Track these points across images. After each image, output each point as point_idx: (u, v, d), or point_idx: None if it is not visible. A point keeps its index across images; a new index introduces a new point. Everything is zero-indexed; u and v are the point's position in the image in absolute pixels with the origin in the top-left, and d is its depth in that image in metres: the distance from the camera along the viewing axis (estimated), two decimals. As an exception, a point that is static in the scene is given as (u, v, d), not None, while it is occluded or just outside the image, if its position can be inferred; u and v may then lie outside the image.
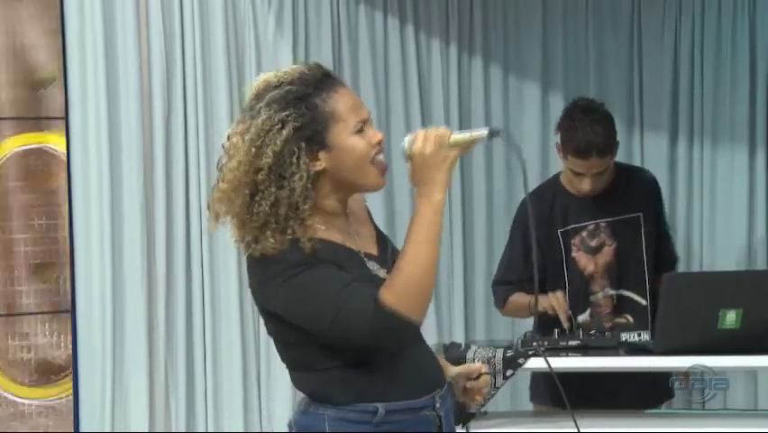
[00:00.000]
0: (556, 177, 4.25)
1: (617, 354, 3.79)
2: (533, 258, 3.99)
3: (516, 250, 4.16)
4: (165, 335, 4.99)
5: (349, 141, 2.57)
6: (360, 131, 2.58)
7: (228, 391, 5.04)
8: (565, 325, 3.98)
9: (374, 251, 2.68)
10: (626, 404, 4.03)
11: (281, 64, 5.09)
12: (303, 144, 2.53)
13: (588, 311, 4.13)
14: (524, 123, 5.33)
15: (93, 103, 4.92)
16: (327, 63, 5.07)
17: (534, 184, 5.14)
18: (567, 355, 3.71)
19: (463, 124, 5.23)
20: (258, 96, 2.62)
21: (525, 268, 4.10)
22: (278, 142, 2.52)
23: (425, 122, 5.18)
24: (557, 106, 5.29)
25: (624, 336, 3.86)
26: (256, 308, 5.51)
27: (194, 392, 5.04)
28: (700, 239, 5.23)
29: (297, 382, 2.72)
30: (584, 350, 3.79)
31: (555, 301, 4.00)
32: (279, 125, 2.53)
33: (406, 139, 2.56)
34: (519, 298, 4.14)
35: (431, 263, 2.51)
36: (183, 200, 5.02)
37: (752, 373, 5.06)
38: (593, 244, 4.14)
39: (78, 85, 4.91)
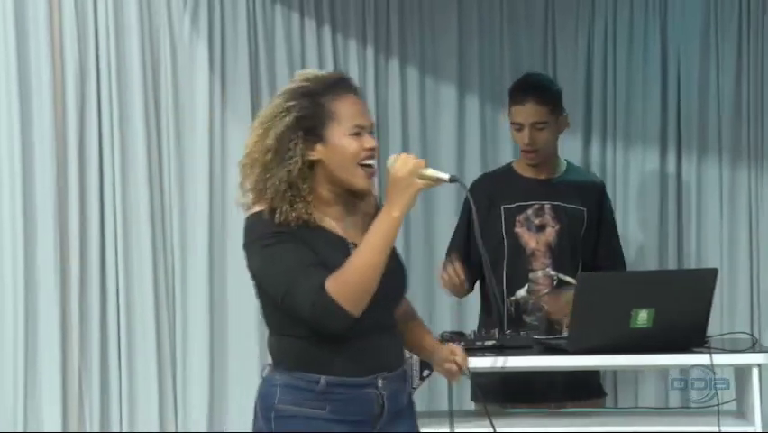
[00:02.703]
0: (510, 163, 4.50)
1: (532, 354, 3.83)
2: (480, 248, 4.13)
3: (461, 224, 4.39)
4: (79, 335, 4.95)
5: (342, 140, 2.89)
6: (355, 135, 2.90)
7: (143, 391, 5.01)
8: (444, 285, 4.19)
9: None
10: (556, 398, 4.17)
11: (197, 64, 5.09)
12: (301, 133, 2.88)
13: (526, 287, 4.24)
14: (440, 123, 5.36)
15: (4, 103, 4.86)
16: (243, 63, 5.13)
17: (450, 193, 5.22)
18: (483, 355, 3.74)
19: (380, 125, 5.25)
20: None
21: (463, 238, 4.32)
22: (279, 127, 2.88)
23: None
24: (473, 108, 5.35)
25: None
26: (171, 309, 5.52)
27: (108, 392, 5.00)
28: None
29: (268, 344, 3.00)
30: (500, 349, 3.83)
31: (451, 270, 4.14)
32: (284, 113, 2.89)
33: (392, 156, 2.89)
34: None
35: (375, 267, 2.82)
36: (97, 201, 4.98)
37: (664, 371, 5.14)
38: (537, 222, 4.30)
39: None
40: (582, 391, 4.26)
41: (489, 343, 3.86)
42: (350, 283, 2.79)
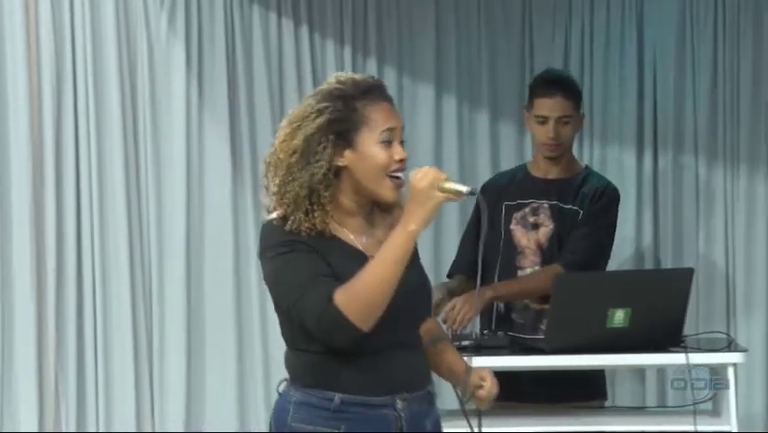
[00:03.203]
0: (525, 163, 4.51)
1: (510, 354, 3.84)
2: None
3: (472, 220, 4.37)
4: (55, 335, 4.94)
5: (372, 148, 2.78)
6: (386, 144, 2.78)
7: (120, 391, 5.00)
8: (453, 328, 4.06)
9: None
10: (553, 399, 4.14)
11: (174, 64, 5.08)
12: (331, 137, 2.76)
13: None
14: (417, 123, 5.35)
15: (-20, 104, 4.85)
16: (221, 64, 5.12)
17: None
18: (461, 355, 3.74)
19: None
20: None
21: (469, 249, 4.30)
22: (310, 128, 2.76)
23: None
24: (451, 107, 5.35)
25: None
26: (148, 309, 5.50)
27: (84, 393, 5.00)
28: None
29: (285, 359, 2.89)
30: (478, 350, 3.84)
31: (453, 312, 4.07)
32: (316, 114, 2.77)
33: (414, 169, 2.76)
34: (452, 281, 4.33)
35: (387, 281, 2.70)
36: (74, 200, 4.98)
37: (639, 370, 5.15)
38: (532, 220, 4.29)
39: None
40: (580, 392, 4.22)
41: (466, 343, 3.87)
42: (359, 297, 2.68)
